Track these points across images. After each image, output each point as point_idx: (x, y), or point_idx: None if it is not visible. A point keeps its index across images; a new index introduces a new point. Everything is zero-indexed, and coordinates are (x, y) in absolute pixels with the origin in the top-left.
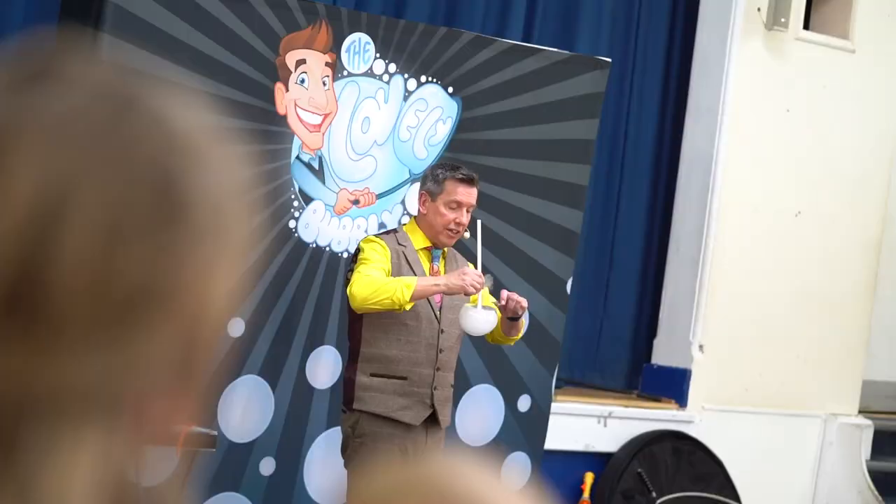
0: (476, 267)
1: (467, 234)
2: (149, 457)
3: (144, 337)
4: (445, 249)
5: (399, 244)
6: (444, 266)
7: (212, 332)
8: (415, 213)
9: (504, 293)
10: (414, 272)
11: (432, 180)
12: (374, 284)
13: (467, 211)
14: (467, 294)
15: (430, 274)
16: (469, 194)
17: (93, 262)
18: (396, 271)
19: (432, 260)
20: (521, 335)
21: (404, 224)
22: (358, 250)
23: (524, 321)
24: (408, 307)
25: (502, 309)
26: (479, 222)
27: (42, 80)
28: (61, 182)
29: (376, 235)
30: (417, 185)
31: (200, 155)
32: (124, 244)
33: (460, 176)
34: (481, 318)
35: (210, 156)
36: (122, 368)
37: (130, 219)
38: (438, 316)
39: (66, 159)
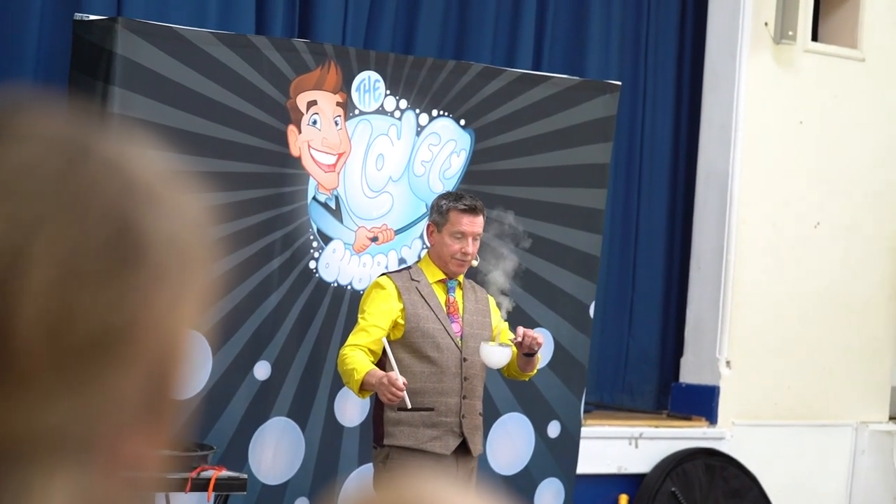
0: (393, 368)
1: (475, 262)
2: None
3: (111, 377)
4: (462, 280)
5: (412, 279)
6: (462, 297)
7: (180, 367)
8: None
9: (520, 330)
10: (429, 305)
11: (437, 211)
12: (342, 365)
13: (473, 240)
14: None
15: (445, 304)
16: (473, 223)
17: (53, 309)
18: (411, 307)
19: (448, 292)
20: (535, 371)
21: (419, 260)
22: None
23: (539, 357)
24: (361, 397)
25: (518, 345)
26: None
27: None
28: (17, 234)
29: (387, 274)
30: None
31: (158, 197)
32: (84, 289)
33: (462, 206)
34: (495, 351)
35: (168, 198)
36: (91, 409)
37: (88, 264)
38: (460, 345)
39: (21, 211)
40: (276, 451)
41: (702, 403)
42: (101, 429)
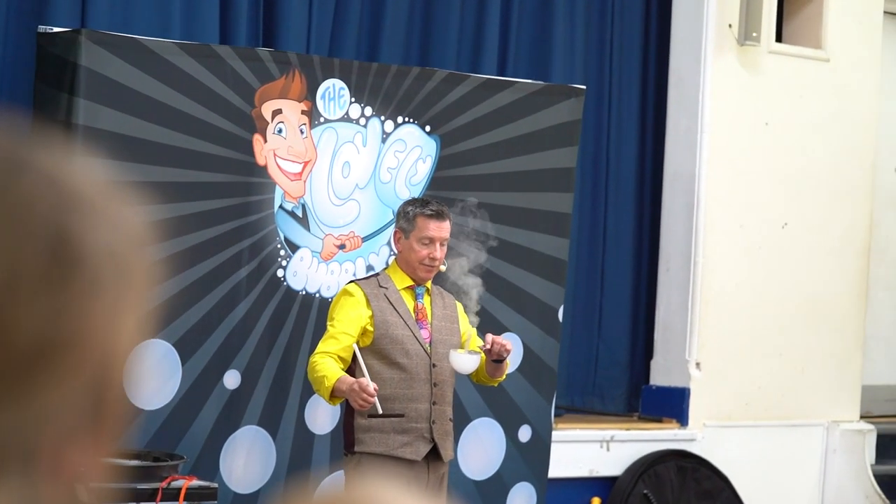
0: (365, 375)
1: (443, 267)
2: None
3: (52, 388)
4: (430, 286)
5: (381, 286)
6: (430, 303)
7: (121, 374)
8: None
9: (489, 337)
10: (397, 311)
11: (403, 218)
12: (312, 372)
13: (441, 245)
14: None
15: (414, 311)
16: (440, 228)
17: None
18: (379, 314)
19: (416, 298)
20: (504, 377)
21: (387, 267)
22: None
23: (508, 363)
24: (331, 404)
25: (487, 352)
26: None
27: None
28: None
29: (355, 281)
30: None
31: (96, 210)
32: (21, 301)
33: (429, 212)
34: (464, 359)
35: (106, 210)
36: (33, 420)
37: (26, 276)
38: (429, 351)
39: None
40: (248, 459)
41: (672, 405)
42: (42, 440)
